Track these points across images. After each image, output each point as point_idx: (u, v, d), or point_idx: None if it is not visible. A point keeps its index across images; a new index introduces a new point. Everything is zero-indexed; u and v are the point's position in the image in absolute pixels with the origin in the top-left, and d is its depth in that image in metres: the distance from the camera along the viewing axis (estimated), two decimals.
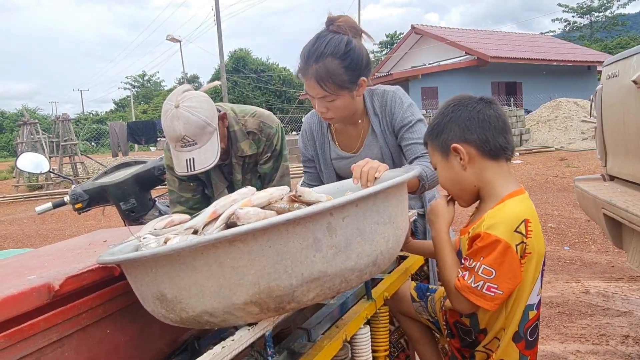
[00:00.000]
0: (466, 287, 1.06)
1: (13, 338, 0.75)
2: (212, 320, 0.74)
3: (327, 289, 0.75)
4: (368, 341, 1.12)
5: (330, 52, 1.36)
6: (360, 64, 1.39)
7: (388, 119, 1.55)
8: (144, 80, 57.45)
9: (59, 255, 1.11)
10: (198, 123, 1.53)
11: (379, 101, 1.56)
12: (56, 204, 2.04)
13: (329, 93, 1.39)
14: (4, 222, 9.14)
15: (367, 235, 0.78)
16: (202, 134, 1.55)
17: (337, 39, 1.38)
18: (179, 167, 1.58)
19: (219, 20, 19.09)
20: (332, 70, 1.36)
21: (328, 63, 1.36)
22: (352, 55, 1.37)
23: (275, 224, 0.68)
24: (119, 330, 0.94)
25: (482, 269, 1.04)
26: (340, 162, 1.64)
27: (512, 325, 1.12)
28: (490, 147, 1.12)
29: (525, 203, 1.12)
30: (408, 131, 1.50)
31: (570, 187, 7.29)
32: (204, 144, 1.56)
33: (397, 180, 0.85)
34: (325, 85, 1.38)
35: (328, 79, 1.37)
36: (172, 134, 1.54)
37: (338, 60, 1.36)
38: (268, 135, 1.83)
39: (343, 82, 1.38)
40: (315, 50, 1.37)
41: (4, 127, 42.99)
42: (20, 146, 14.36)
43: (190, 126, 1.52)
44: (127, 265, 0.80)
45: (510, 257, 1.03)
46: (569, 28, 44.82)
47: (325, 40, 1.37)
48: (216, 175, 1.84)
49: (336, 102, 1.42)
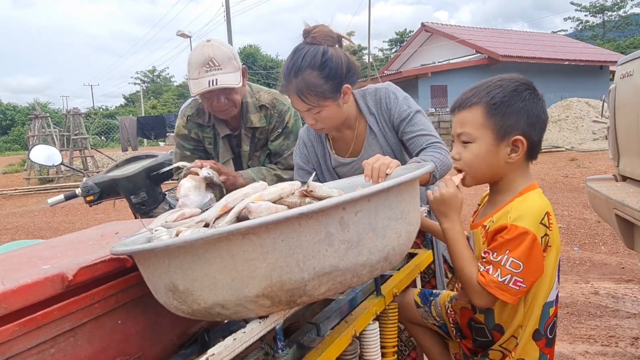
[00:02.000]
0: (492, 282, 1.03)
1: (27, 326, 0.76)
2: (223, 313, 0.75)
3: (338, 284, 0.75)
4: (377, 337, 1.12)
5: (308, 65, 1.36)
6: (340, 71, 1.39)
7: (385, 115, 1.54)
8: (153, 76, 57.73)
9: (71, 246, 1.12)
10: (227, 52, 1.67)
11: (373, 100, 1.56)
12: (68, 196, 2.06)
13: (312, 105, 1.40)
14: (16, 214, 9.26)
15: (379, 230, 0.78)
16: (228, 63, 1.66)
17: (313, 50, 1.38)
18: (198, 87, 1.64)
19: (228, 17, 19.12)
20: (311, 83, 1.36)
21: (307, 76, 1.36)
22: (330, 64, 1.37)
23: (289, 217, 0.68)
24: (131, 321, 0.95)
25: (509, 262, 1.01)
26: (342, 169, 1.63)
27: (532, 323, 1.10)
28: (536, 150, 1.11)
29: (543, 196, 1.11)
30: (408, 124, 1.49)
31: (580, 187, 7.22)
32: (228, 72, 1.65)
33: (411, 175, 0.84)
34: (306, 98, 1.38)
35: (309, 91, 1.37)
36: (199, 59, 1.63)
37: (317, 72, 1.36)
38: (280, 112, 1.86)
39: (324, 92, 1.38)
40: (293, 66, 1.39)
41: (15, 121, 43.46)
42: (32, 139, 14.51)
43: (219, 52, 1.65)
44: (140, 256, 0.81)
45: (536, 249, 1.02)
46: (581, 27, 44.31)
47: (301, 54, 1.38)
48: (224, 146, 1.87)
49: (322, 113, 1.42)
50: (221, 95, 1.68)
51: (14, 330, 0.75)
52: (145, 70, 57.94)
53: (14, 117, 44.25)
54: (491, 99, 1.09)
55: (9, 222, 8.29)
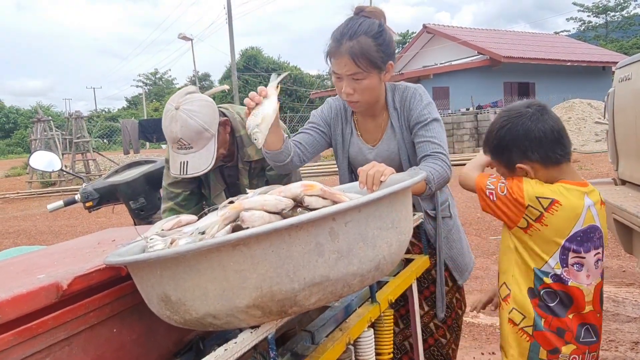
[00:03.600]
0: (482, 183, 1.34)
1: (22, 336, 0.77)
2: (215, 323, 0.75)
3: (329, 294, 0.76)
4: (372, 344, 1.12)
5: (364, 31, 1.41)
6: (390, 46, 1.45)
7: (406, 114, 1.56)
8: (155, 78, 57.89)
9: (68, 254, 1.13)
10: (195, 127, 1.53)
11: (400, 96, 1.58)
12: (67, 202, 2.07)
13: (362, 70, 1.41)
14: (18, 217, 9.30)
15: (370, 240, 0.79)
16: (198, 138, 1.55)
17: (370, 21, 1.44)
18: (173, 169, 1.60)
19: (230, 19, 19.18)
20: (366, 47, 1.40)
21: (362, 40, 1.40)
22: (385, 36, 1.43)
23: (278, 228, 0.69)
24: (126, 329, 0.96)
25: (499, 186, 1.30)
26: (357, 153, 1.63)
27: (526, 280, 1.29)
28: (551, 160, 1.26)
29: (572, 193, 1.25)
30: (422, 128, 1.50)
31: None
32: (199, 149, 1.57)
33: (401, 186, 0.85)
34: (358, 60, 1.40)
35: (362, 55, 1.40)
36: (169, 135, 1.56)
37: (371, 39, 1.41)
38: None
39: (375, 60, 1.41)
40: (349, 29, 1.42)
41: (18, 124, 43.64)
42: (34, 143, 14.59)
43: (187, 130, 1.53)
44: (133, 266, 0.82)
45: (515, 195, 1.26)
46: (584, 28, 44.22)
47: (358, 22, 1.43)
48: (215, 177, 1.85)
49: (365, 82, 1.44)
50: None
51: (9, 340, 0.75)
52: (147, 73, 58.10)
53: (17, 120, 44.45)
54: (492, 148, 1.35)
55: (11, 225, 8.33)
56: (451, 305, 1.66)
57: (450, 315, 1.66)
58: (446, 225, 1.64)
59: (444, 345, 1.66)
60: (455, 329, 1.68)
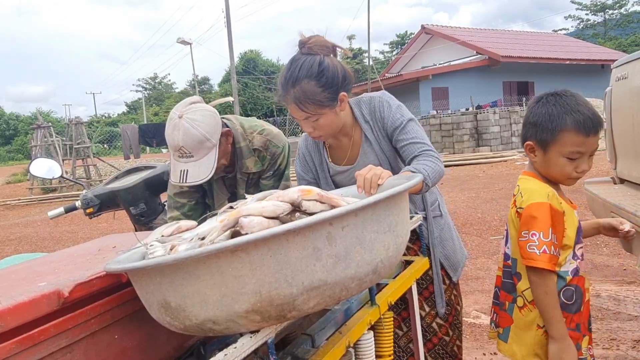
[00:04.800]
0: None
1: (24, 344, 0.78)
2: (215, 328, 0.76)
3: (327, 297, 0.77)
4: (371, 347, 1.13)
5: (305, 75, 1.40)
6: (336, 80, 1.43)
7: (379, 124, 1.57)
8: (155, 83, 57.99)
9: (69, 261, 1.13)
10: (197, 137, 1.55)
11: (367, 108, 1.58)
12: (68, 209, 2.08)
13: (311, 114, 1.43)
14: (19, 224, 9.31)
15: (367, 244, 0.79)
16: (199, 147, 1.56)
17: (309, 60, 1.42)
18: (173, 176, 1.62)
19: (229, 22, 19.22)
20: (308, 92, 1.40)
21: (304, 85, 1.40)
22: (327, 73, 1.41)
23: (276, 234, 0.69)
24: (127, 336, 0.97)
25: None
26: (339, 177, 1.66)
27: None
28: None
29: None
30: (401, 132, 1.52)
31: (581, 189, 7.21)
32: (200, 158, 1.58)
33: (398, 189, 0.86)
34: (304, 107, 1.42)
35: (306, 100, 1.41)
36: (171, 143, 1.57)
37: (314, 81, 1.40)
38: (273, 154, 1.84)
39: (322, 100, 1.42)
40: (290, 76, 1.42)
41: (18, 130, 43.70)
42: (35, 149, 14.61)
43: (189, 138, 1.54)
44: (133, 273, 0.82)
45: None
46: (582, 26, 44.24)
47: (298, 64, 1.42)
48: (218, 187, 1.86)
49: (320, 121, 1.46)
50: None
51: (11, 348, 0.76)
52: (146, 78, 58.21)
53: (17, 126, 44.52)
54: None
55: (12, 232, 8.34)
56: (450, 302, 1.68)
57: (450, 312, 1.67)
58: (438, 224, 1.66)
59: (448, 342, 1.67)
60: (457, 326, 1.70)
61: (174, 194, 1.87)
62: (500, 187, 8.00)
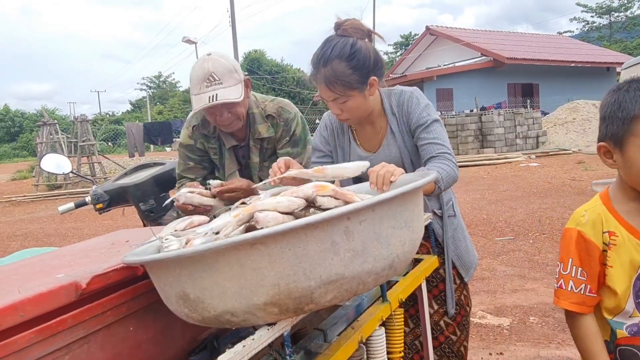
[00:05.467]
0: None
1: (43, 334, 0.79)
2: (233, 320, 0.77)
3: (344, 291, 0.77)
4: (383, 343, 1.13)
5: (337, 55, 1.41)
6: (367, 63, 1.43)
7: (405, 118, 1.57)
8: (159, 81, 58.14)
9: (83, 254, 1.14)
10: (227, 65, 1.65)
11: (396, 101, 1.58)
12: (78, 204, 2.09)
13: (339, 95, 1.43)
14: (25, 220, 9.35)
15: (384, 239, 0.80)
16: (229, 77, 1.64)
17: (342, 41, 1.42)
18: (199, 103, 1.64)
19: (234, 22, 19.25)
20: (339, 72, 1.40)
21: (335, 65, 1.40)
22: (359, 55, 1.41)
23: (295, 227, 0.70)
24: (142, 328, 0.97)
25: None
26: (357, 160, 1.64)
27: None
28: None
29: None
30: (424, 131, 1.51)
31: (588, 190, 7.18)
32: (229, 86, 1.65)
33: (414, 185, 0.86)
34: (334, 87, 1.42)
35: (336, 81, 1.41)
36: (200, 73, 1.63)
37: (345, 62, 1.40)
38: (286, 120, 1.86)
39: (351, 82, 1.42)
40: (322, 55, 1.43)
41: (24, 127, 43.90)
42: (40, 146, 14.66)
43: (219, 66, 1.64)
44: (152, 265, 0.83)
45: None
46: (587, 28, 44.08)
47: (331, 45, 1.43)
48: (230, 157, 1.87)
49: (348, 103, 1.45)
50: (224, 110, 1.68)
51: (30, 338, 0.77)
52: (151, 76, 58.45)
53: (22, 123, 44.72)
54: None
55: (18, 228, 8.38)
56: (460, 302, 1.68)
57: (459, 312, 1.68)
58: (451, 224, 1.66)
59: (455, 342, 1.67)
60: (465, 326, 1.70)
61: (181, 171, 1.90)
62: (504, 189, 7.99)
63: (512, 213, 6.08)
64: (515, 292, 3.47)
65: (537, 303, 3.21)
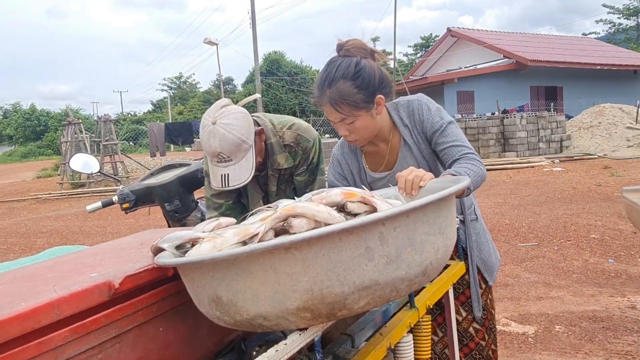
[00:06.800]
0: None
1: (78, 332, 0.80)
2: (265, 324, 0.76)
3: (377, 298, 0.76)
4: (411, 350, 1.12)
5: (341, 75, 1.39)
6: (373, 82, 1.41)
7: (418, 127, 1.54)
8: (180, 82, 58.95)
9: (114, 254, 1.16)
10: (233, 141, 1.57)
11: (406, 112, 1.56)
12: (105, 203, 2.13)
13: (346, 115, 1.41)
14: (50, 218, 9.58)
15: (418, 245, 0.79)
16: (237, 151, 1.59)
17: (346, 61, 1.40)
18: (214, 182, 1.64)
19: (254, 24, 19.39)
20: (345, 93, 1.38)
21: (340, 86, 1.38)
22: (363, 74, 1.39)
23: (330, 232, 0.69)
24: (171, 328, 0.98)
25: None
26: (377, 184, 1.63)
27: None
28: None
29: None
30: (441, 135, 1.49)
31: (614, 196, 7.00)
32: (239, 161, 1.60)
33: (449, 190, 0.85)
34: (340, 108, 1.40)
35: (342, 101, 1.39)
36: (208, 150, 1.59)
37: (350, 82, 1.38)
38: (305, 149, 1.84)
39: (357, 102, 1.40)
40: (327, 77, 1.41)
41: (49, 127, 44.96)
42: (65, 145, 15.00)
43: (226, 143, 1.56)
44: (184, 267, 0.83)
45: None
46: (614, 30, 43.02)
47: (335, 65, 1.41)
48: (252, 186, 1.87)
49: (356, 124, 1.44)
50: None
51: (66, 336, 0.78)
52: (172, 77, 59.26)
53: (47, 122, 45.79)
54: None
55: (44, 225, 8.59)
56: (486, 306, 1.66)
57: (486, 316, 1.65)
58: (474, 228, 1.64)
59: (484, 347, 1.65)
60: (493, 330, 1.69)
61: (211, 195, 1.89)
62: (527, 194, 7.85)
63: (536, 218, 5.96)
64: (540, 300, 3.39)
65: (563, 311, 3.13)
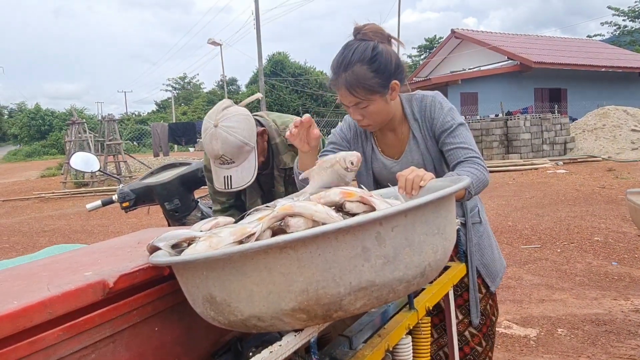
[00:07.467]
0: None
1: (70, 331, 0.79)
2: (259, 325, 0.75)
3: (374, 299, 0.75)
4: (410, 352, 1.10)
5: (358, 59, 1.37)
6: (389, 67, 1.40)
7: (428, 123, 1.53)
8: (184, 83, 59.04)
9: (110, 252, 1.15)
10: (235, 143, 1.56)
11: (418, 106, 1.54)
12: (105, 202, 2.12)
13: (360, 99, 1.40)
14: (53, 216, 9.60)
15: (416, 245, 0.77)
16: (239, 153, 1.58)
17: (363, 45, 1.39)
18: (217, 183, 1.64)
19: (258, 25, 19.41)
20: (360, 76, 1.37)
21: (356, 69, 1.37)
22: (380, 59, 1.38)
23: (326, 232, 0.68)
24: (167, 328, 0.97)
25: None
26: (381, 168, 1.62)
27: None
28: None
29: None
30: (449, 136, 1.47)
31: (618, 199, 6.96)
32: (241, 162, 1.60)
33: (448, 190, 0.83)
34: (355, 91, 1.39)
35: (358, 85, 1.38)
36: (210, 152, 1.59)
37: (366, 66, 1.37)
38: None
39: (373, 86, 1.38)
40: (343, 60, 1.39)
41: (53, 126, 45.10)
42: (69, 144, 15.04)
43: (228, 146, 1.56)
44: (179, 267, 0.82)
45: None
46: (619, 32, 42.80)
47: (352, 49, 1.39)
48: (251, 185, 1.86)
49: (370, 108, 1.42)
50: None
51: (59, 335, 0.77)
52: (176, 77, 59.37)
53: (52, 122, 45.91)
54: None
55: (47, 224, 8.61)
56: (485, 312, 1.63)
57: (485, 322, 1.62)
58: (477, 232, 1.61)
59: (480, 353, 1.62)
60: (491, 337, 1.65)
61: (213, 192, 1.91)
62: (530, 196, 7.81)
63: (539, 221, 5.93)
64: (543, 302, 3.37)
65: (565, 314, 3.11)
